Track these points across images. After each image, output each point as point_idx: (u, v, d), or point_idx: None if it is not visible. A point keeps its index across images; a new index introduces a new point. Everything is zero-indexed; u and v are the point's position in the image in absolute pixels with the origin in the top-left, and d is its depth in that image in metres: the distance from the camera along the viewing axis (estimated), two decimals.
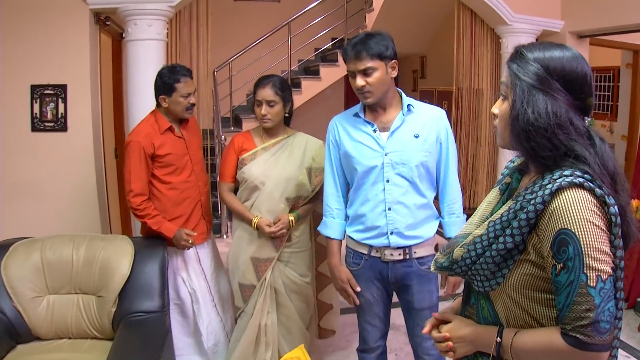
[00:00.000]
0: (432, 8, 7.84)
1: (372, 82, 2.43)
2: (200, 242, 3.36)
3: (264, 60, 7.43)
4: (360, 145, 2.55)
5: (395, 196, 2.50)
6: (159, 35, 4.28)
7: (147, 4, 4.18)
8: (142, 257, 3.04)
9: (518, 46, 1.45)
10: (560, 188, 1.29)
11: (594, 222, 1.25)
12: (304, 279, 3.22)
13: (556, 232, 1.28)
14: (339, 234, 2.73)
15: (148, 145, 3.10)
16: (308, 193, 3.12)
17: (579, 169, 1.31)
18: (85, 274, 3.00)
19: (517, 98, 1.36)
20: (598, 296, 1.24)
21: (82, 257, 3.02)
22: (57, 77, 4.21)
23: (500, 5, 5.22)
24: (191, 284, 3.33)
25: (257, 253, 3.12)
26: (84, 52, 4.25)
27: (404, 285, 2.61)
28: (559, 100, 1.33)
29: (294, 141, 3.16)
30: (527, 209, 1.33)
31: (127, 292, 2.94)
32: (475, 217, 1.62)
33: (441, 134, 2.56)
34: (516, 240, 1.35)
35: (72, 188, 4.31)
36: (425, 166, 2.52)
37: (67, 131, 4.26)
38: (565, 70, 1.35)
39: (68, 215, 4.26)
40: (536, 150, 1.35)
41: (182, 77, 3.16)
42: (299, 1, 7.94)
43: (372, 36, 2.44)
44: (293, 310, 3.21)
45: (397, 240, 2.52)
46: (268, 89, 3.03)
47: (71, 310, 2.99)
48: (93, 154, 4.34)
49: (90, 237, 3.15)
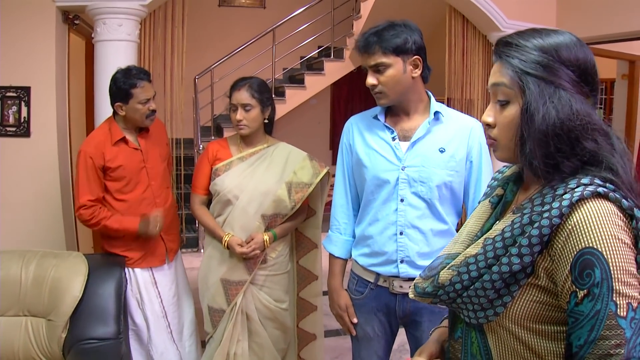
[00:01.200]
0: (421, 15, 7.63)
1: (384, 82, 2.09)
2: (158, 264, 3.07)
3: (248, 68, 7.22)
4: (375, 154, 2.20)
5: (409, 219, 2.14)
6: (129, 36, 4.01)
7: (118, 2, 3.92)
8: (97, 278, 2.76)
9: (505, 37, 1.21)
10: (582, 199, 1.09)
11: (622, 239, 1.06)
12: (279, 305, 2.91)
13: (578, 252, 1.06)
14: (344, 252, 2.38)
15: (98, 156, 2.83)
16: (287, 211, 2.82)
17: (600, 177, 1.12)
18: (34, 295, 2.71)
19: (532, 98, 1.14)
20: (629, 328, 1.02)
21: (31, 275, 2.73)
22: (20, 79, 3.93)
23: (494, 11, 5.02)
24: (145, 308, 3.03)
25: (227, 275, 2.83)
26: (49, 53, 3.98)
27: (414, 321, 2.24)
28: (577, 93, 1.15)
29: (274, 152, 2.86)
30: (540, 223, 1.11)
31: (79, 316, 2.66)
32: (462, 235, 1.36)
33: (473, 150, 2.17)
34: (524, 261, 1.12)
35: (34, 198, 4.01)
36: (449, 187, 2.15)
37: (30, 136, 3.98)
38: (580, 59, 1.16)
39: (30, 228, 3.96)
40: (561, 159, 1.14)
41: (139, 81, 2.86)
42: (285, 8, 7.81)
43: (392, 26, 2.08)
44: (267, 339, 2.90)
45: (408, 270, 2.15)
46: (244, 91, 2.76)
47: (19, 334, 2.70)
48: (58, 161, 4.05)
49: (42, 253, 2.86)
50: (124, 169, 2.90)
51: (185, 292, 3.31)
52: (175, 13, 4.55)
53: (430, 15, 7.51)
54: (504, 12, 5.05)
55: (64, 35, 4.19)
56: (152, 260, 3.02)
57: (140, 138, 3.02)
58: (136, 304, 3.02)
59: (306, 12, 7.49)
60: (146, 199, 3.00)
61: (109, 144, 2.89)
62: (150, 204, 3.01)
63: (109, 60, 3.97)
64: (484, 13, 5.06)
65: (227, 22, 8.89)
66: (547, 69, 1.14)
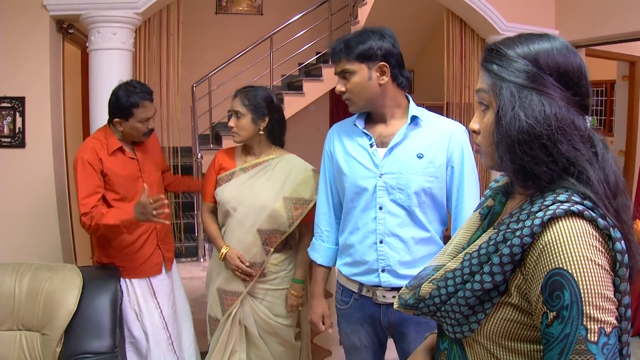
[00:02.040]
0: (419, 19, 7.66)
1: (350, 88, 2.09)
2: (155, 273, 3.01)
3: (245, 75, 7.20)
4: (353, 162, 2.17)
5: (388, 227, 2.09)
6: (124, 45, 3.97)
7: (112, 10, 3.89)
8: (92, 290, 2.70)
9: (490, 44, 1.20)
10: (554, 217, 1.05)
11: (596, 260, 1.01)
12: (279, 320, 2.83)
13: (548, 273, 1.03)
14: (326, 259, 2.36)
15: (95, 160, 2.77)
16: (285, 227, 2.73)
17: (578, 193, 1.08)
18: (28, 309, 2.65)
19: (505, 103, 1.13)
20: (600, 354, 0.99)
21: (25, 289, 2.67)
22: (14, 89, 3.89)
23: (492, 14, 4.97)
24: (144, 319, 2.97)
25: (223, 284, 2.80)
26: (44, 62, 3.94)
27: (400, 332, 2.19)
28: (557, 98, 1.11)
29: (277, 164, 2.79)
30: (512, 241, 1.08)
31: (73, 330, 2.60)
32: (450, 246, 1.33)
33: (454, 155, 2.10)
34: (496, 279, 1.10)
35: (30, 209, 3.96)
36: (429, 194, 2.09)
37: (25, 147, 3.94)
38: (559, 63, 1.13)
39: (26, 240, 3.91)
40: (531, 166, 1.11)
41: (142, 100, 2.82)
42: (283, 14, 7.77)
43: (361, 34, 2.08)
44: (267, 353, 2.84)
45: (390, 280, 2.11)
46: (237, 99, 2.74)
47: (13, 349, 2.63)
48: (53, 171, 4.01)
49: (36, 266, 2.80)
50: (120, 179, 2.85)
51: (182, 301, 3.26)
52: (170, 21, 4.51)
53: (428, 19, 7.52)
54: (502, 15, 5.01)
55: (58, 45, 4.16)
56: (149, 270, 2.97)
57: (136, 148, 2.98)
58: (134, 315, 2.96)
59: (303, 18, 7.46)
60: None
61: (105, 153, 2.84)
62: None
63: (103, 69, 3.95)
64: (482, 16, 5.02)
65: (224, 30, 8.85)
66: (523, 73, 1.12)
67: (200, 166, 6.22)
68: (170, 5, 4.49)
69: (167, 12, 4.48)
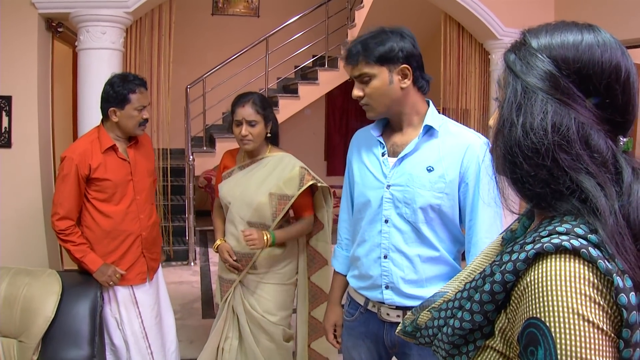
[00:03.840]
0: (416, 23, 7.55)
1: (369, 93, 1.91)
2: (139, 282, 2.94)
3: (240, 77, 7.14)
4: (365, 171, 2.04)
5: (393, 242, 1.96)
6: (113, 44, 3.90)
7: (101, 9, 3.83)
8: (71, 297, 2.62)
9: (525, 29, 1.00)
10: (540, 254, 0.84)
11: (586, 315, 0.78)
12: (265, 316, 2.83)
13: (525, 321, 0.83)
14: (344, 267, 2.25)
15: (83, 165, 2.71)
16: (269, 222, 2.77)
17: (585, 223, 0.86)
18: (5, 315, 2.57)
19: (506, 102, 0.94)
20: None
21: (2, 294, 2.59)
22: (1, 88, 3.81)
23: (490, 19, 4.92)
24: (124, 328, 2.89)
25: (222, 272, 2.97)
26: (31, 61, 3.88)
27: (402, 354, 2.06)
28: (572, 107, 0.89)
29: (270, 162, 2.85)
30: (494, 277, 0.90)
31: (51, 338, 2.53)
32: (465, 272, 1.16)
33: (469, 170, 1.91)
34: (476, 319, 0.94)
35: (16, 211, 3.88)
36: (438, 210, 1.92)
37: (11, 147, 3.87)
38: (584, 63, 0.90)
39: (11, 242, 3.81)
40: (526, 182, 0.91)
41: (137, 87, 2.79)
42: (279, 16, 7.72)
43: (379, 34, 1.91)
44: (254, 347, 2.85)
45: (393, 298, 1.98)
46: (248, 107, 2.74)
47: None
48: (40, 172, 3.93)
49: (15, 270, 2.72)
50: (110, 180, 2.80)
51: (167, 309, 3.19)
52: (162, 21, 4.43)
53: (426, 23, 7.43)
54: (500, 20, 4.96)
55: (47, 43, 4.09)
56: (133, 279, 2.90)
57: (129, 149, 2.91)
58: (115, 323, 2.89)
59: (300, 20, 7.41)
60: (130, 213, 2.88)
61: (98, 151, 2.78)
62: (134, 218, 2.90)
63: (92, 69, 3.89)
64: (480, 21, 4.97)
65: (221, 31, 8.79)
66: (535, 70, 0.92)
67: (193, 169, 6.14)
68: (162, 5, 4.42)
69: (159, 12, 4.41)
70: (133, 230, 2.89)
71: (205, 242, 7.02)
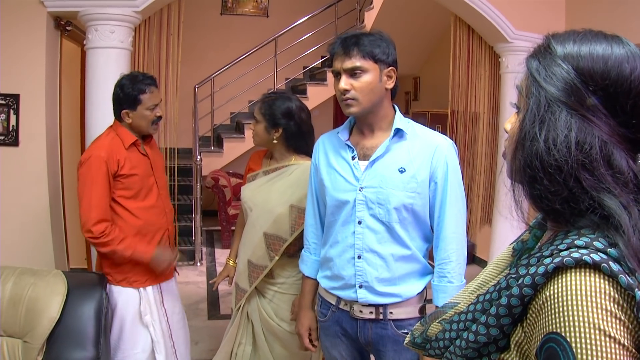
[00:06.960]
0: (426, 26, 7.57)
1: (358, 87, 1.96)
2: (169, 277, 2.99)
3: (249, 78, 7.13)
4: (335, 174, 2.11)
5: (367, 242, 2.03)
6: (122, 44, 3.88)
7: (110, 8, 3.80)
8: (76, 298, 2.60)
9: (549, 34, 0.97)
10: (560, 268, 0.82)
11: (607, 330, 0.77)
12: (281, 324, 2.80)
13: (544, 336, 0.81)
14: (313, 271, 2.31)
15: (112, 161, 2.68)
16: (286, 235, 2.69)
17: (604, 237, 0.84)
18: (10, 315, 2.55)
19: (528, 114, 0.90)
20: None
21: (7, 294, 2.57)
22: (9, 86, 3.81)
23: (501, 21, 4.87)
24: (155, 328, 2.86)
25: (237, 280, 2.94)
26: (40, 59, 3.87)
27: (377, 351, 2.12)
28: (595, 124, 0.85)
29: (294, 171, 2.76)
30: (512, 291, 0.88)
31: (56, 339, 2.50)
32: (476, 282, 1.13)
33: (438, 170, 2.01)
34: (492, 333, 0.91)
35: (22, 209, 3.88)
36: (411, 210, 2.01)
37: (18, 145, 3.87)
38: (610, 79, 0.86)
39: (17, 241, 3.82)
40: (545, 198, 0.89)
41: (148, 86, 2.76)
42: (288, 17, 7.73)
43: (369, 34, 1.99)
44: (268, 354, 2.84)
45: (367, 296, 2.05)
46: (258, 104, 2.79)
47: None
48: (47, 171, 3.93)
49: (20, 270, 2.70)
50: (137, 175, 2.78)
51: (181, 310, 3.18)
52: (170, 20, 4.41)
53: (435, 25, 7.42)
54: (511, 22, 4.91)
55: (55, 42, 4.09)
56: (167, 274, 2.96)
57: (145, 146, 2.91)
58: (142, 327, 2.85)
59: (309, 21, 7.41)
60: (157, 208, 2.89)
61: (121, 148, 2.75)
62: (160, 213, 2.91)
63: (100, 68, 3.87)
64: (490, 23, 4.92)
65: (229, 31, 8.79)
66: (560, 82, 0.88)
67: (200, 169, 6.13)
68: (171, 4, 4.40)
69: (168, 12, 4.39)
70: (161, 225, 2.90)
71: (212, 242, 7.02)
